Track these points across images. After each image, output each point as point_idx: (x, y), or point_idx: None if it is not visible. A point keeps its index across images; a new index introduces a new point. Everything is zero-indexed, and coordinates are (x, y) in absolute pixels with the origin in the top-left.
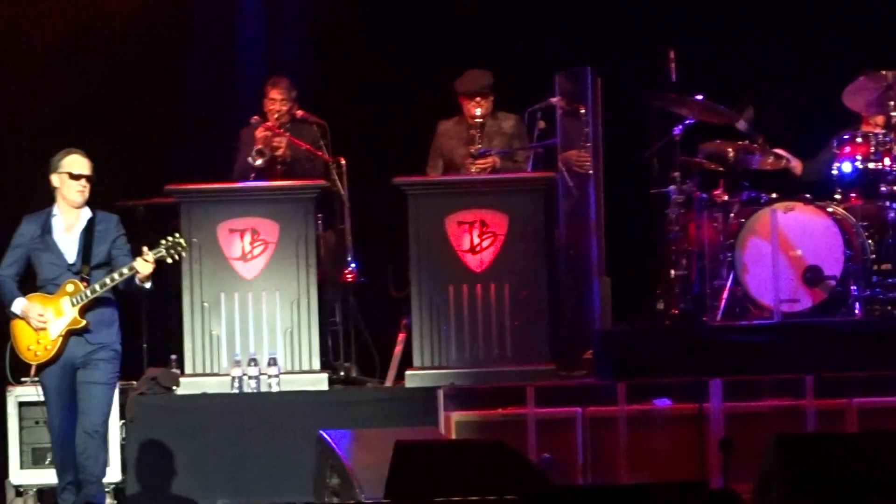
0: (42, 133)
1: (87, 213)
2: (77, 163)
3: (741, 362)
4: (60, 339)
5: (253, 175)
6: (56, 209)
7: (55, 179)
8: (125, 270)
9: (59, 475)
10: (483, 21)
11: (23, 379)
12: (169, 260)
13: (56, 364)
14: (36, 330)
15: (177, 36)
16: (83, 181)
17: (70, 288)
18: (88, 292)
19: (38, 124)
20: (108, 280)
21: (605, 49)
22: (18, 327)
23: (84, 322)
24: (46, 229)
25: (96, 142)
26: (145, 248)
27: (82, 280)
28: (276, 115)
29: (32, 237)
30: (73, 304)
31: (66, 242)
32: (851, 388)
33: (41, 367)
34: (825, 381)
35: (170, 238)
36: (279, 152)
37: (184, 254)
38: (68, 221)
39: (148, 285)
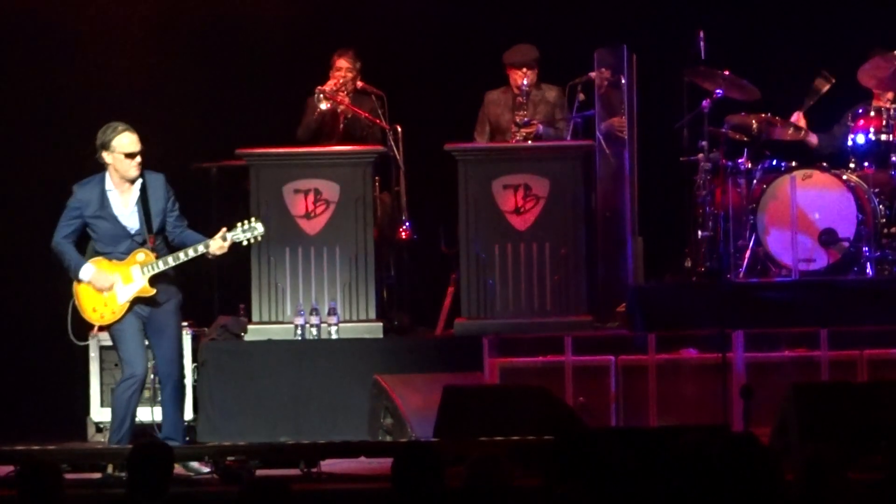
0: (118, 98)
1: (138, 180)
2: (130, 142)
3: (761, 316)
4: (128, 304)
5: (316, 118)
6: (109, 183)
7: (107, 157)
8: (200, 248)
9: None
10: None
11: (80, 343)
12: (244, 243)
13: (127, 319)
14: (102, 291)
15: (249, 6)
16: (138, 157)
17: (141, 257)
18: (161, 264)
19: (115, 90)
20: (181, 255)
21: (640, 28)
22: (83, 288)
23: (154, 291)
24: (104, 203)
25: (174, 108)
26: (224, 230)
27: (152, 250)
28: (340, 82)
29: (89, 207)
30: (144, 273)
31: (125, 214)
32: (862, 341)
33: (104, 328)
34: (838, 334)
35: (247, 222)
36: (342, 107)
37: (260, 238)
38: (123, 191)
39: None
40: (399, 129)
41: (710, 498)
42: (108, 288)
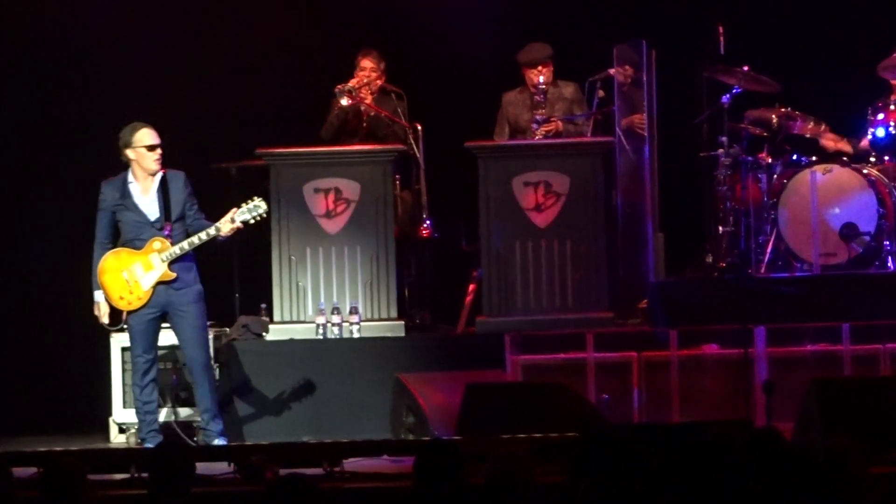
0: (140, 100)
1: (158, 173)
2: (149, 135)
3: (783, 311)
4: (151, 290)
5: (338, 114)
6: (131, 177)
7: (130, 154)
8: (212, 231)
9: (138, 416)
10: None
11: (113, 329)
12: (252, 221)
13: (145, 308)
14: (100, 317)
15: (269, 6)
16: (158, 150)
17: (157, 245)
18: (177, 250)
19: (135, 91)
20: (195, 240)
21: (659, 23)
22: (108, 278)
23: (174, 275)
24: (125, 194)
25: (193, 108)
26: (232, 211)
27: (167, 237)
28: (364, 81)
29: (114, 200)
30: (163, 260)
31: (145, 203)
32: (884, 335)
33: (130, 313)
34: (860, 328)
35: (249, 201)
36: (364, 106)
37: (264, 214)
38: (144, 185)
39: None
40: (419, 128)
41: (734, 493)
42: (103, 315)
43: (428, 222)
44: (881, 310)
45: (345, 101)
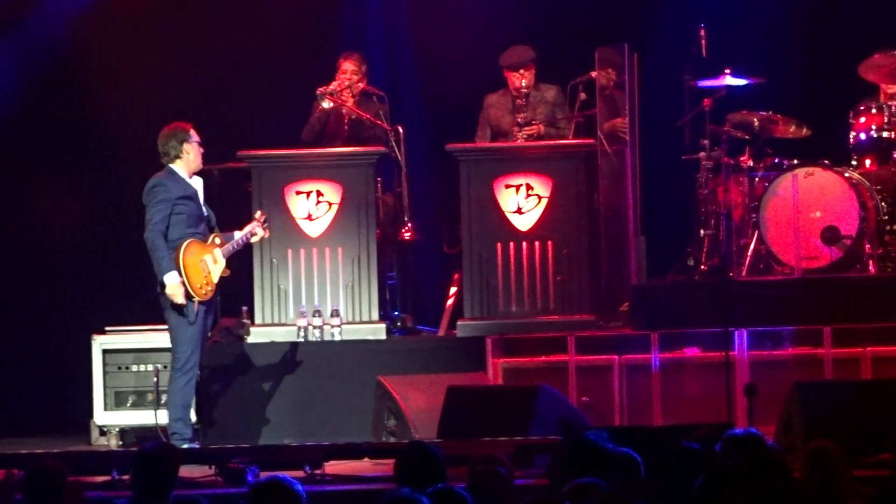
0: (122, 102)
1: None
2: (197, 133)
3: (765, 314)
4: (216, 283)
5: (320, 117)
6: (182, 172)
7: (187, 149)
8: (249, 235)
9: (185, 412)
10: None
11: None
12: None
13: (206, 302)
14: (173, 297)
15: (251, 8)
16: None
17: (218, 241)
18: (231, 247)
19: (120, 95)
20: (240, 240)
21: (641, 26)
22: (193, 266)
23: (229, 272)
24: (187, 186)
25: (175, 110)
26: (257, 220)
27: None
28: (345, 84)
29: (178, 192)
30: (224, 255)
31: (200, 200)
32: (866, 338)
33: (201, 304)
34: (841, 331)
35: (261, 213)
36: (346, 108)
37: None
38: (193, 182)
39: None
40: (401, 130)
41: (714, 496)
42: (180, 295)
43: (409, 225)
44: (862, 313)
45: (326, 104)
